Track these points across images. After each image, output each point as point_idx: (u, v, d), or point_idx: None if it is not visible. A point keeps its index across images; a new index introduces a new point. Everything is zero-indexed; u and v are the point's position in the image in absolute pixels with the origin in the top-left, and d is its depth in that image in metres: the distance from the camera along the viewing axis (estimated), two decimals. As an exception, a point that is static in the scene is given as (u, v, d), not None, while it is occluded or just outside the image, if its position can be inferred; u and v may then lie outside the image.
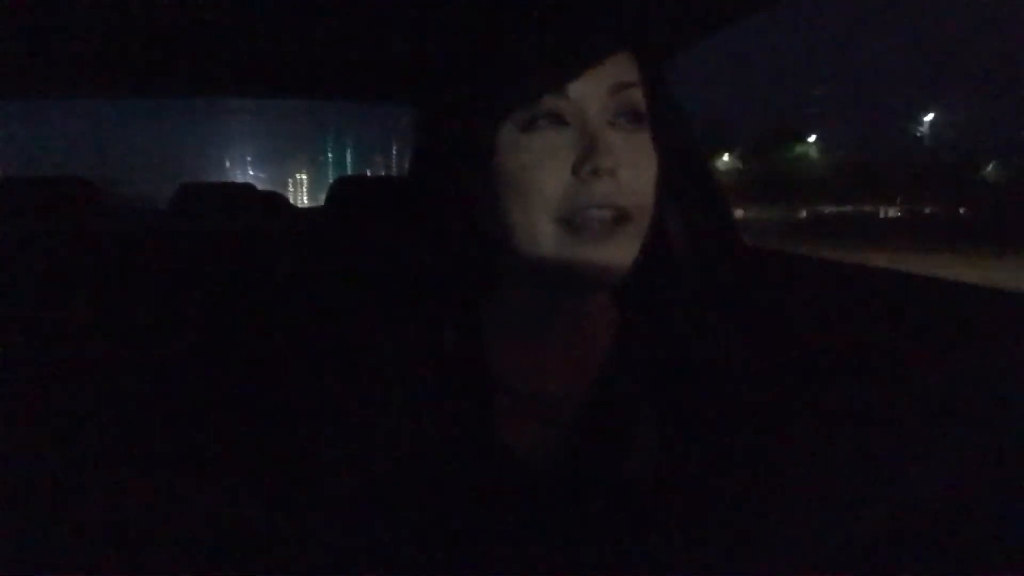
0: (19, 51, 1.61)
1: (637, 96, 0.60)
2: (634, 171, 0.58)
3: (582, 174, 0.56)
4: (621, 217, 0.58)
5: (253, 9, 1.42)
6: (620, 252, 0.58)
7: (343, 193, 1.95)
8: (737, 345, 0.69)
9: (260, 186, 2.21)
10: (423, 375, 0.64)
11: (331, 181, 2.05)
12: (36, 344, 1.48)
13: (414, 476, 0.61)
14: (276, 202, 2.24)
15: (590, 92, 0.58)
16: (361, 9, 1.40)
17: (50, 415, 1.37)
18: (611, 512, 0.60)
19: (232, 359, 1.55)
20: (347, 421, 0.64)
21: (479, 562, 0.59)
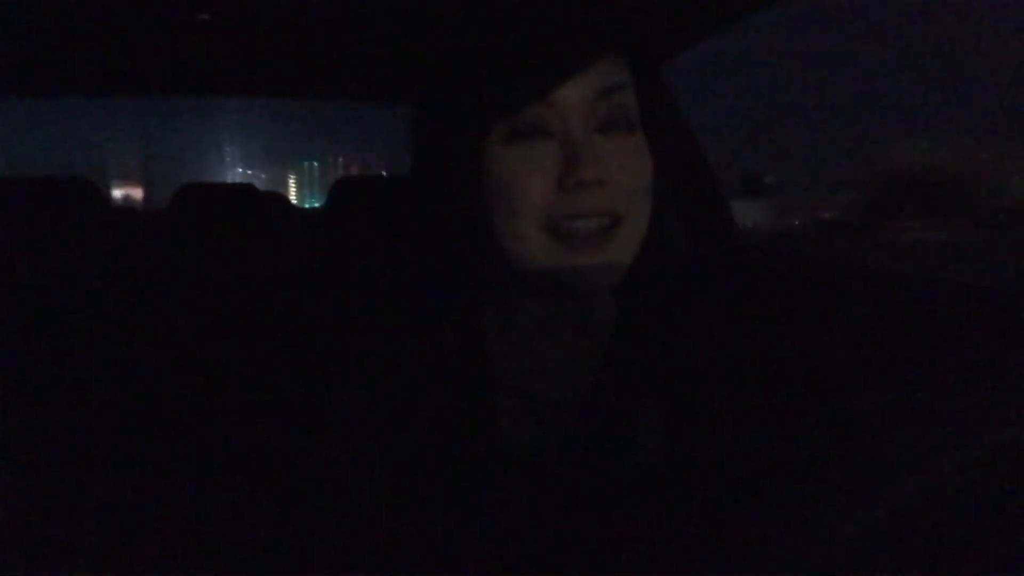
0: (19, 51, 1.61)
1: (627, 99, 0.59)
2: (624, 177, 0.57)
3: (567, 186, 0.55)
4: (611, 224, 0.57)
5: (253, 9, 1.42)
6: (611, 257, 0.58)
7: (343, 194, 1.95)
8: (737, 345, 0.69)
9: (260, 186, 2.21)
10: (423, 376, 0.64)
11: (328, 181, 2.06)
12: (36, 344, 1.48)
13: (414, 477, 0.61)
14: (277, 203, 2.24)
15: (575, 99, 0.56)
16: (355, 12, 1.40)
17: (49, 415, 1.37)
18: (612, 512, 0.60)
19: (232, 360, 1.55)
20: (347, 422, 0.64)
21: (479, 563, 0.59)
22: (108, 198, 1.91)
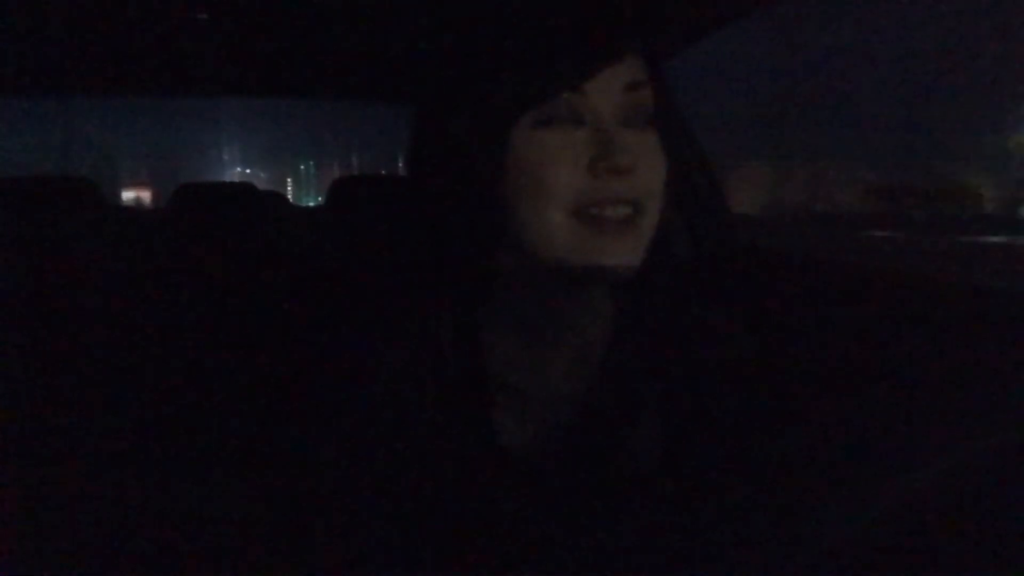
0: (19, 51, 1.61)
1: (647, 95, 0.60)
2: (647, 168, 0.59)
3: (599, 171, 0.57)
4: (636, 212, 0.58)
5: (253, 9, 1.42)
6: (633, 246, 0.59)
7: (342, 193, 1.96)
8: (737, 344, 0.69)
9: (260, 185, 2.21)
10: (420, 375, 0.64)
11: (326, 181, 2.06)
12: (36, 344, 1.48)
13: (412, 476, 0.61)
14: (276, 202, 2.24)
15: (606, 90, 0.58)
16: (371, 6, 1.40)
17: (49, 415, 1.37)
18: (611, 512, 0.61)
19: (231, 359, 1.55)
20: (345, 421, 0.64)
21: (478, 562, 0.59)
22: (105, 197, 1.90)
